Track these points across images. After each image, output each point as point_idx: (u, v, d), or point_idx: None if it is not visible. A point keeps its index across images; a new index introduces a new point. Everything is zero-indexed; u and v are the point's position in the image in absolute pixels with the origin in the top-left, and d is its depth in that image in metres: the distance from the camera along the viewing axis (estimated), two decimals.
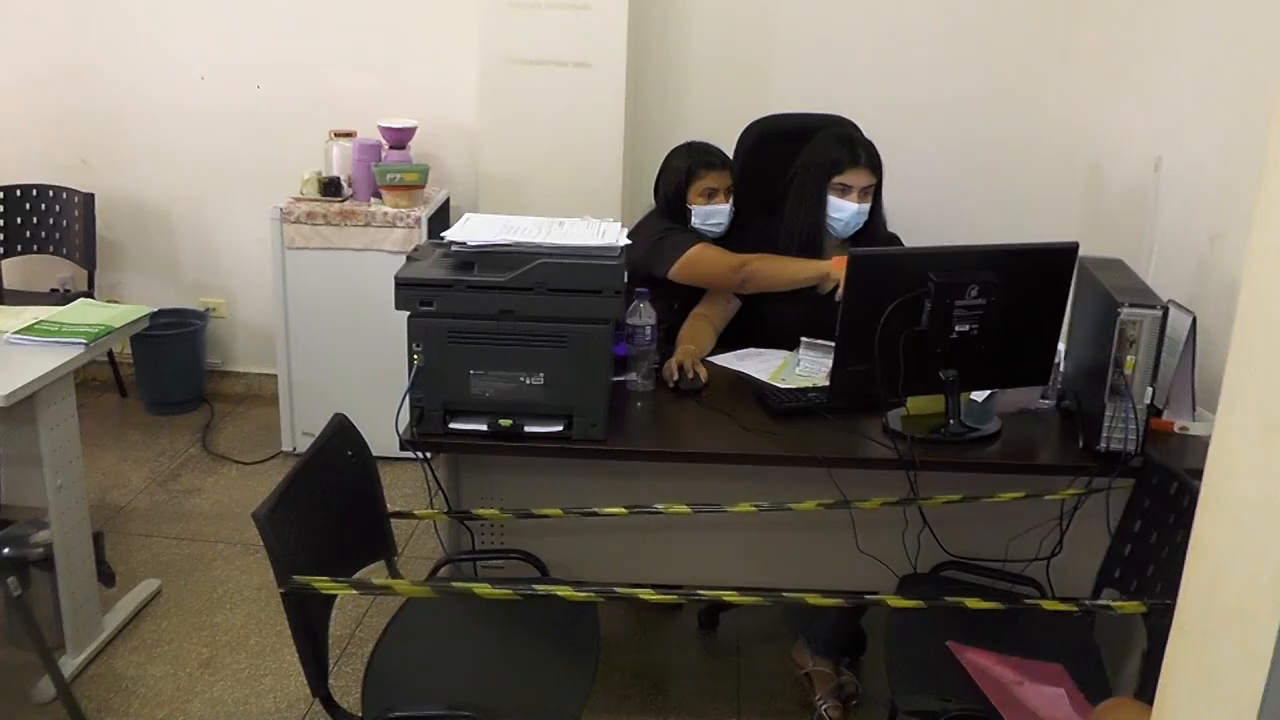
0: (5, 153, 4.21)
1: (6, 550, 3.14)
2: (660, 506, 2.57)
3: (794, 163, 3.24)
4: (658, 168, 3.43)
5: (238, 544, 3.94)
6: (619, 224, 2.70)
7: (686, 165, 3.30)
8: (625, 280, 2.57)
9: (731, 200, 3.33)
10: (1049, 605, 2.43)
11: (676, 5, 4.54)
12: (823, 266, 3.05)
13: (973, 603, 2.31)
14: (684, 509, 2.56)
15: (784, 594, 2.35)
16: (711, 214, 3.29)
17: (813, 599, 2.32)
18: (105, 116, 5.07)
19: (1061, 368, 2.87)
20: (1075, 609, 2.40)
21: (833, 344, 2.66)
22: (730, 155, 3.45)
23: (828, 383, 2.75)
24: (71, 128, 5.11)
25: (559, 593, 2.18)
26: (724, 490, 2.62)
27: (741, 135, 3.59)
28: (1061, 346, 2.83)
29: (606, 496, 2.62)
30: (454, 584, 2.20)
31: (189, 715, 3.11)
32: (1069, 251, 2.66)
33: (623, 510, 2.57)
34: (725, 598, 2.31)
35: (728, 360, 3.09)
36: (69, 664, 3.23)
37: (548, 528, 2.67)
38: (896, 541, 2.63)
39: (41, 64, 5.05)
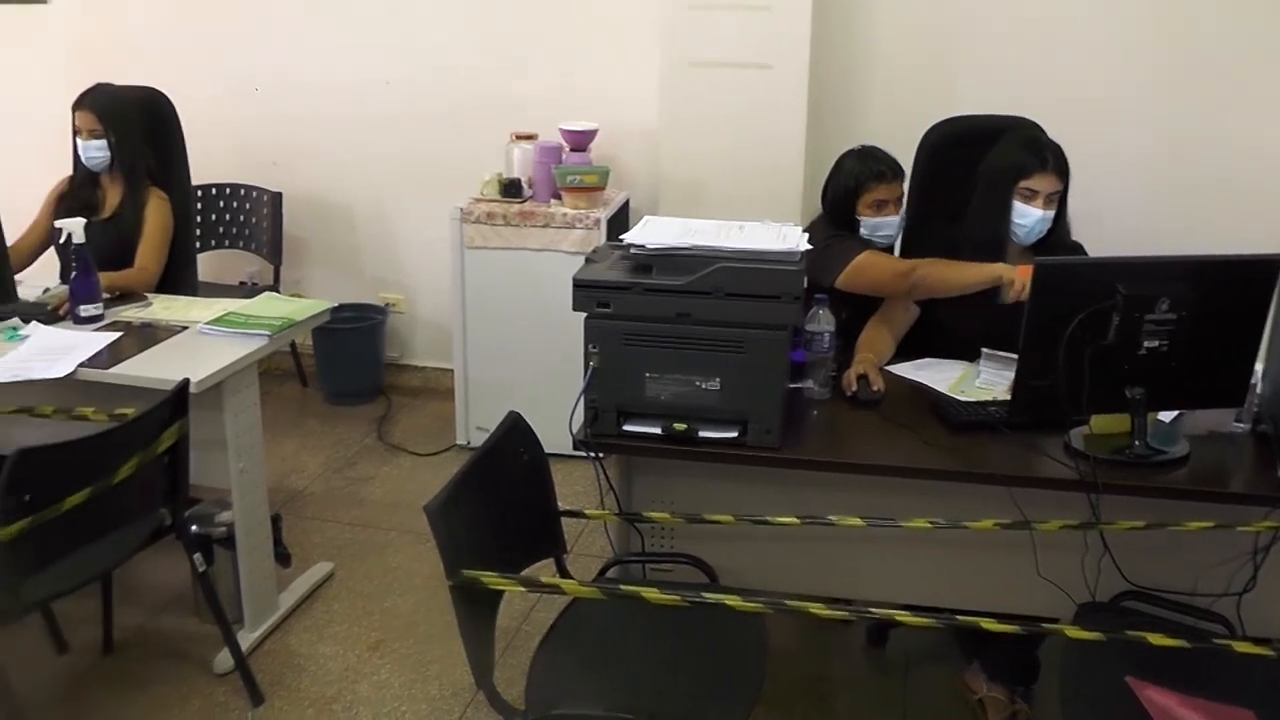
0: (204, 154, 4.39)
1: (194, 527, 3.28)
2: (833, 518, 2.51)
3: (977, 166, 3.15)
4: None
5: (409, 533, 4.02)
6: (799, 228, 2.66)
7: (856, 175, 3.22)
8: (805, 285, 2.53)
9: (902, 211, 3.26)
10: (1240, 647, 2.27)
11: (858, 4, 4.46)
12: (994, 270, 2.94)
13: (1155, 638, 2.20)
14: (857, 522, 2.51)
15: (958, 617, 2.28)
16: (880, 226, 3.22)
17: (988, 624, 2.24)
18: (295, 120, 5.28)
19: (1258, 389, 2.69)
20: (1271, 652, 2.25)
21: (1014, 356, 2.58)
22: (910, 159, 3.38)
23: (1008, 397, 2.66)
24: (263, 131, 5.33)
25: (728, 602, 2.15)
26: (899, 504, 2.55)
27: (924, 138, 3.50)
28: (1259, 366, 2.65)
29: (778, 505, 2.58)
30: (623, 587, 2.19)
31: (356, 695, 3.19)
32: (1270, 265, 2.50)
33: (795, 520, 2.53)
34: (898, 618, 2.24)
35: (905, 370, 3.02)
36: (246, 638, 3.35)
37: (718, 533, 2.64)
38: (1075, 567, 2.53)
39: (237, 70, 5.30)
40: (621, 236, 2.60)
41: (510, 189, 4.48)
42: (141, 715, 3.13)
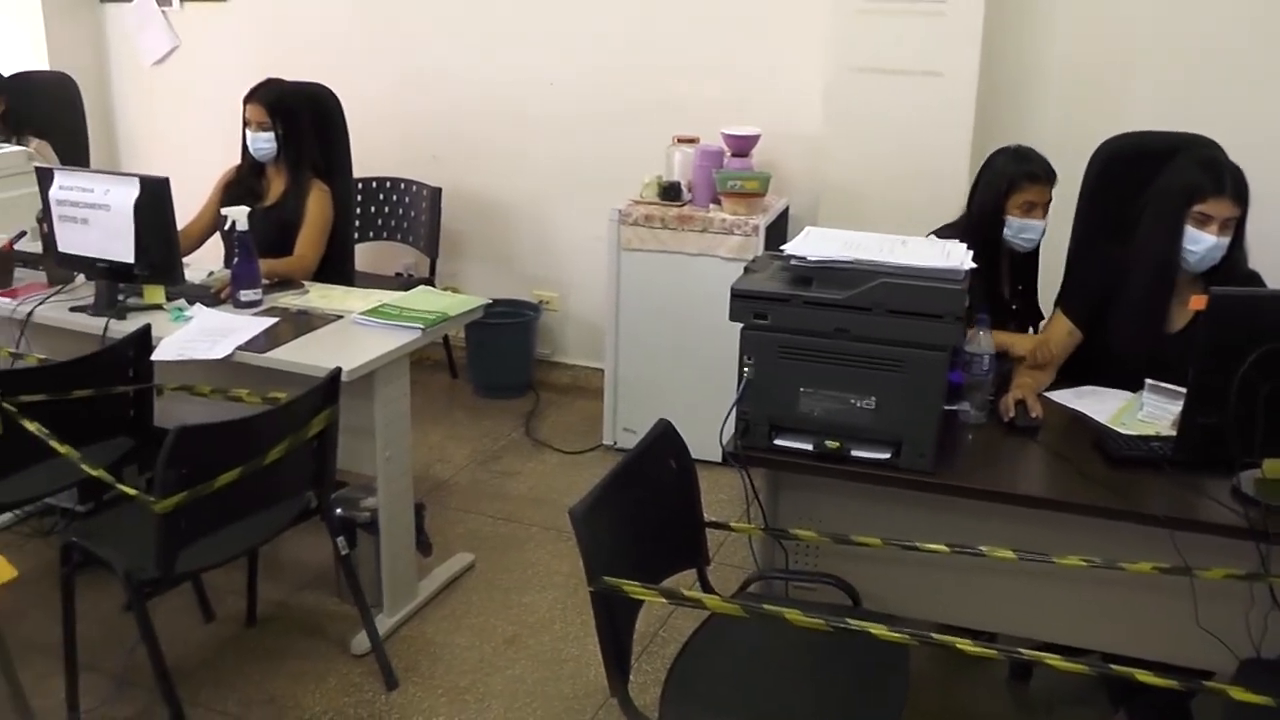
0: (368, 147, 4.50)
1: (339, 511, 3.35)
2: (984, 548, 2.43)
3: (1150, 185, 2.99)
4: None
5: (551, 529, 4.04)
6: (965, 245, 2.58)
7: (1010, 173, 3.11)
8: (967, 305, 2.45)
9: (1046, 218, 3.15)
10: None
11: (1033, 9, 4.32)
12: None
13: None
14: (1008, 554, 2.41)
15: (1111, 666, 2.16)
16: (1025, 229, 3.11)
17: (1142, 676, 2.11)
18: (458, 117, 5.37)
19: None
20: None
21: (1181, 390, 2.46)
22: (1080, 172, 3.27)
23: (1173, 432, 2.54)
24: (426, 126, 5.44)
25: (872, 630, 2.08)
26: (1053, 539, 2.45)
27: (1096, 151, 3.35)
28: None
29: (928, 530, 2.51)
30: (764, 606, 2.14)
31: (489, 688, 3.21)
32: None
33: (944, 548, 2.45)
34: (1048, 661, 2.14)
35: (1065, 397, 2.90)
36: (384, 622, 3.40)
37: (864, 555, 2.58)
38: (1239, 619, 2.38)
39: (405, 68, 5.42)
40: (782, 247, 2.57)
41: (669, 192, 4.46)
42: (279, 687, 3.20)
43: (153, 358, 3.24)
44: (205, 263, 3.96)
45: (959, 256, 2.48)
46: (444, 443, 4.81)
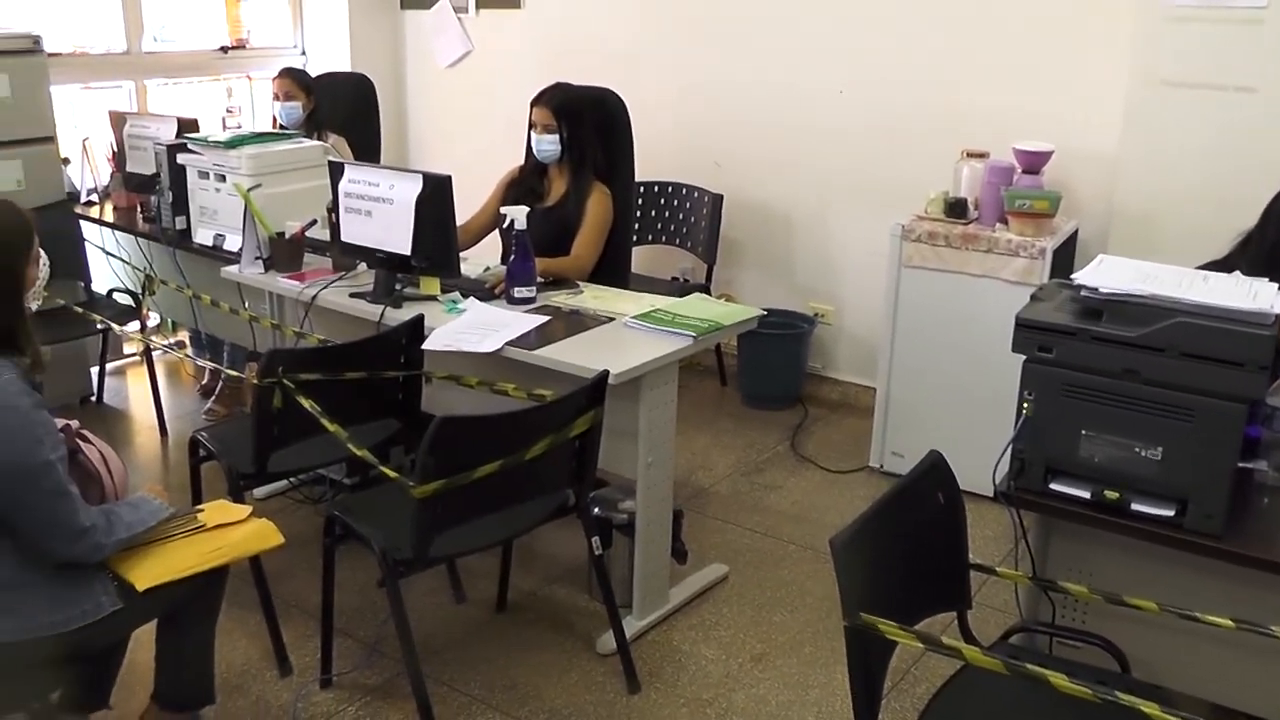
0: (651, 152, 4.54)
1: (596, 510, 3.38)
2: (1275, 629, 2.18)
3: None
4: None
5: (809, 549, 3.95)
6: (1276, 285, 2.34)
7: None
8: (1274, 354, 2.22)
9: None
10: None
11: None
12: None
13: None
14: None
15: None
16: None
17: None
18: (742, 125, 5.35)
19: None
20: None
21: None
22: None
23: None
24: (710, 132, 5.45)
25: (1144, 708, 1.90)
26: None
27: None
28: None
29: (1212, 600, 2.28)
30: (1027, 666, 2.00)
31: (731, 704, 3.16)
32: None
33: (1229, 622, 2.21)
34: None
35: None
36: (632, 625, 3.40)
37: (1137, 618, 2.37)
38: None
39: (692, 74, 5.46)
40: (1073, 276, 2.42)
41: (955, 209, 4.29)
42: (522, 675, 3.25)
43: (424, 346, 3.35)
44: (483, 258, 4.07)
45: (1268, 298, 2.25)
46: (708, 450, 4.79)
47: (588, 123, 4.05)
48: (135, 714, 2.84)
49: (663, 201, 5.49)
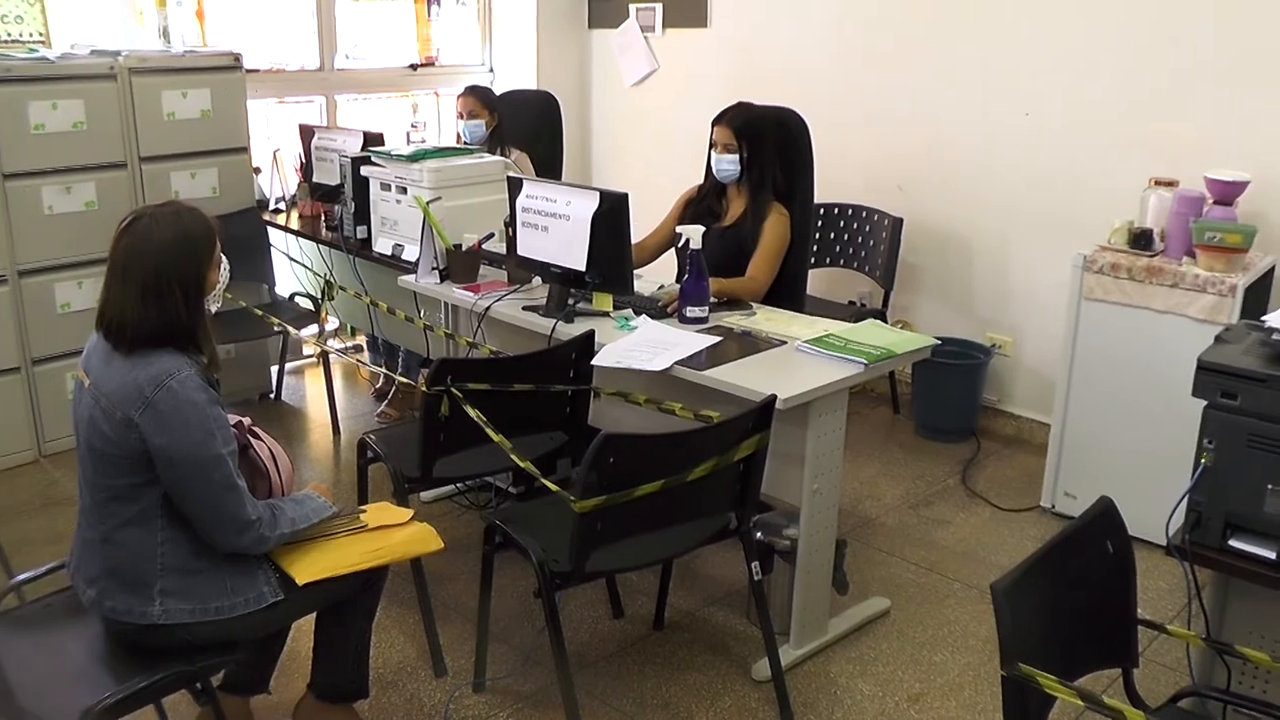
0: (832, 174, 4.50)
1: (759, 535, 3.35)
2: None
3: None
4: None
5: (974, 589, 3.84)
6: None
7: None
8: None
9: None
10: None
11: None
12: None
13: None
14: None
15: None
16: None
17: None
18: (926, 149, 5.27)
19: None
20: None
21: None
22: None
23: None
24: (892, 156, 5.38)
25: None
26: None
27: None
28: None
29: None
30: None
31: None
32: None
33: None
34: None
35: None
36: (789, 653, 3.36)
37: None
38: None
39: (876, 97, 5.41)
40: (1264, 317, 2.30)
41: (1140, 240, 4.11)
42: (675, 695, 3.24)
43: (593, 362, 3.38)
44: (658, 276, 4.09)
45: None
46: (876, 479, 4.71)
47: (768, 143, 4.03)
48: (293, 701, 2.95)
49: (842, 224, 5.44)
